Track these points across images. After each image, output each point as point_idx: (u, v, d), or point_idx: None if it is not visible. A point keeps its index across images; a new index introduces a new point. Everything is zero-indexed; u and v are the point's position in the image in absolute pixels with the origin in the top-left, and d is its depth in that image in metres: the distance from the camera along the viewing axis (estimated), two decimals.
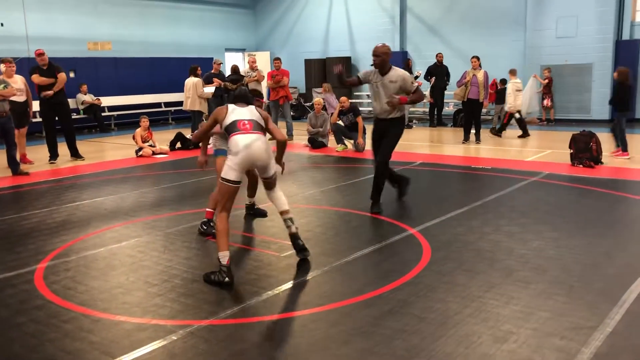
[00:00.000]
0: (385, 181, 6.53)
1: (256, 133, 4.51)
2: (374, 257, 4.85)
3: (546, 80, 14.51)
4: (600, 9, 14.33)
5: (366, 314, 3.65)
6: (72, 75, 14.71)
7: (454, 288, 4.06)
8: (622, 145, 9.51)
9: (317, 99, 12.42)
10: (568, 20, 14.73)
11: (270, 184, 4.77)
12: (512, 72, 12.70)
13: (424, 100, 15.81)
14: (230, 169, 4.39)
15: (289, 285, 4.20)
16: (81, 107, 15.66)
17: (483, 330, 3.39)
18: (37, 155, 10.96)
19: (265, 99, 5.81)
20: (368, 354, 3.15)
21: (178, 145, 11.85)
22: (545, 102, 14.76)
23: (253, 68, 13.29)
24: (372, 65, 6.58)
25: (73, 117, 12.15)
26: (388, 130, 6.41)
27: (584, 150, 8.66)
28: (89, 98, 15.82)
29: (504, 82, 13.88)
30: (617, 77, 9.59)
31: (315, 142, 11.50)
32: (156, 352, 3.23)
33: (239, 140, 4.42)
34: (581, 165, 8.59)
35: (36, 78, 10.02)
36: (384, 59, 6.42)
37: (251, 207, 6.33)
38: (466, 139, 11.76)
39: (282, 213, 4.78)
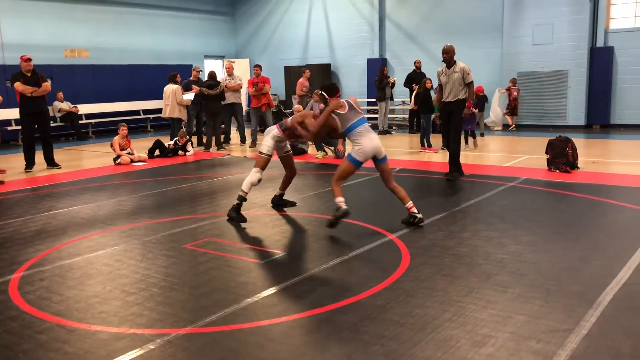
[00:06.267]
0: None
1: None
2: (354, 263, 4.85)
3: (504, 91, 14.81)
4: (575, 16, 14.59)
5: (345, 320, 3.65)
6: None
7: (432, 293, 4.08)
8: (427, 142, 11.72)
9: (297, 105, 12.42)
10: (544, 27, 14.97)
11: None
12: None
13: (408, 107, 15.96)
14: None
15: (268, 292, 4.18)
16: (58, 114, 15.47)
17: (461, 335, 3.40)
18: (12, 164, 10.80)
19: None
20: None
21: (157, 153, 11.78)
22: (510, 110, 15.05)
23: (230, 74, 13.24)
24: (442, 61, 8.48)
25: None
26: (454, 111, 8.37)
27: (560, 156, 8.78)
28: (65, 106, 15.64)
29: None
30: (427, 87, 11.95)
31: (295, 149, 11.48)
32: None
33: None
34: (557, 170, 8.71)
35: (19, 86, 9.92)
36: (451, 56, 8.35)
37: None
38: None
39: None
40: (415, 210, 5.86)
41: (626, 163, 9.60)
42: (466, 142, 11.68)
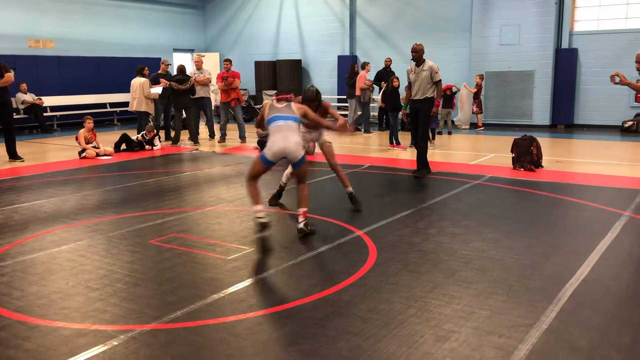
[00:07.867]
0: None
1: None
2: (321, 259, 4.87)
3: (474, 89, 14.99)
4: (541, 18, 14.86)
5: (311, 316, 3.67)
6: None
7: (398, 289, 4.12)
8: (396, 140, 11.91)
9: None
10: (511, 28, 15.21)
11: None
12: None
13: (376, 105, 16.04)
14: None
15: (234, 288, 4.17)
16: (21, 106, 15.09)
17: (425, 330, 3.45)
18: None
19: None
20: (312, 355, 3.16)
21: (123, 146, 11.59)
22: (473, 108, 15.22)
23: (199, 68, 13.10)
24: (412, 59, 8.59)
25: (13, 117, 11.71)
26: (421, 109, 8.44)
27: (525, 154, 8.94)
28: (29, 97, 15.26)
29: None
30: (394, 85, 12.13)
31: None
32: (95, 358, 3.14)
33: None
34: (522, 169, 8.88)
35: None
36: (420, 54, 8.44)
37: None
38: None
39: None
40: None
41: (588, 162, 9.84)
42: (432, 137, 11.84)
